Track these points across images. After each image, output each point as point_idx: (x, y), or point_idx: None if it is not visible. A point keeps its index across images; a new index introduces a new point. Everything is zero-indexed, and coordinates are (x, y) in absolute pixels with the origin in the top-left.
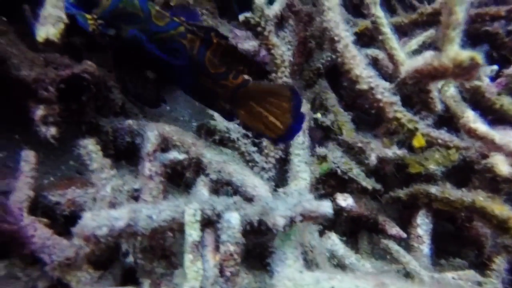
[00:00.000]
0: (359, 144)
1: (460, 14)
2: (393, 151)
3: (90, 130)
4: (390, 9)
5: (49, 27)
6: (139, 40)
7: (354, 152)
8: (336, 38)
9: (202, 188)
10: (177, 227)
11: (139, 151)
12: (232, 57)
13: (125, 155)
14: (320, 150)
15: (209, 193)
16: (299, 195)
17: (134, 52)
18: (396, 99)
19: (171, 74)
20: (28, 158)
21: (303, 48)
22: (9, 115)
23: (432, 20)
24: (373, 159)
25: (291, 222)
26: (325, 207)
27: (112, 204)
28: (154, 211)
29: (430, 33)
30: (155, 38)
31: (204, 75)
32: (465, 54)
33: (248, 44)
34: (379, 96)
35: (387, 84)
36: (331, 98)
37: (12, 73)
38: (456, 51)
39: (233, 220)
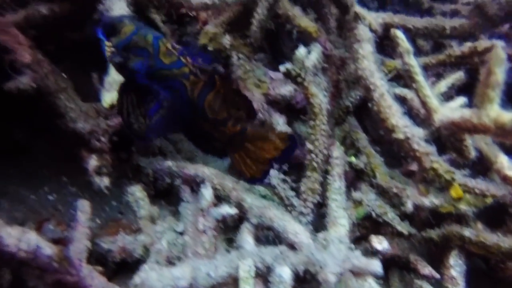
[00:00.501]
0: (395, 190)
1: (500, 75)
2: (430, 200)
3: (132, 171)
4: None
5: (114, 93)
6: (136, 72)
7: (389, 196)
8: (371, 87)
9: (247, 236)
10: (232, 282)
11: (179, 192)
12: (233, 100)
13: (164, 194)
14: (356, 195)
15: (254, 241)
16: (346, 249)
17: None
18: (433, 149)
19: (170, 112)
20: (84, 208)
21: (336, 92)
22: (58, 159)
23: (460, 62)
24: (409, 206)
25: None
26: (375, 266)
27: (168, 259)
28: (211, 267)
29: (459, 75)
30: (158, 74)
31: (202, 119)
32: (508, 117)
33: (284, 89)
34: (415, 146)
35: (421, 132)
36: (362, 139)
37: (69, 126)
38: (497, 112)
39: (285, 275)
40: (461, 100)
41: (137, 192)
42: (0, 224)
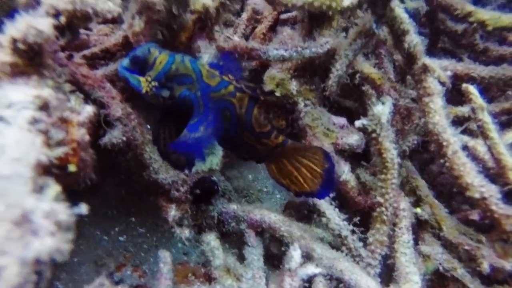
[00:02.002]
0: (467, 247)
1: None
2: (511, 264)
3: (198, 214)
4: None
5: (213, 158)
6: (191, 100)
7: (458, 252)
8: (444, 144)
9: None
10: None
11: (244, 236)
12: (275, 111)
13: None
14: (424, 249)
15: None
16: None
17: (182, 113)
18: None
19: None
20: (166, 259)
21: (401, 141)
22: (126, 201)
23: None
24: (485, 267)
25: None
26: None
27: None
28: None
29: None
30: (209, 98)
31: (249, 132)
32: None
33: (352, 138)
34: (494, 208)
35: (496, 191)
36: (423, 186)
37: (152, 177)
38: None
39: None
40: None
41: (212, 241)
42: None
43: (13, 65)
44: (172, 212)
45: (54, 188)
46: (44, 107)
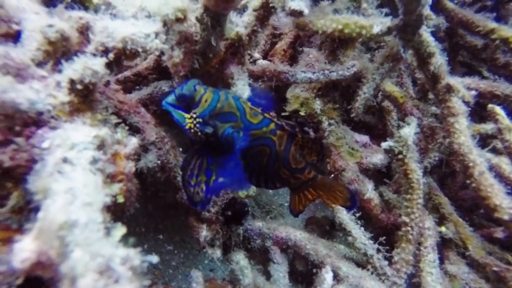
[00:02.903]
0: (496, 269)
1: None
2: None
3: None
4: None
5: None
6: (233, 138)
7: (485, 272)
8: (471, 165)
9: None
10: None
11: (269, 253)
12: (309, 147)
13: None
14: (451, 269)
15: None
16: None
17: (221, 148)
18: None
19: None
20: (198, 279)
21: (424, 159)
22: (154, 218)
23: None
24: None
25: None
26: None
27: None
28: None
29: None
30: (251, 136)
31: (286, 168)
32: None
33: (376, 157)
34: None
35: None
36: (446, 204)
37: (184, 198)
38: None
39: None
40: None
41: (241, 261)
42: None
43: (70, 103)
44: (204, 233)
45: (120, 230)
46: (101, 145)
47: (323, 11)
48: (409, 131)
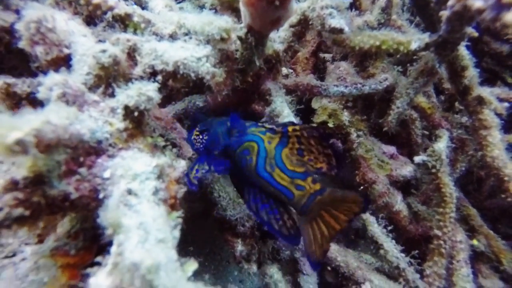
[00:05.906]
0: None
1: None
2: None
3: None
4: None
5: None
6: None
7: None
8: (506, 179)
9: None
10: None
11: (298, 264)
12: (314, 152)
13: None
14: (486, 283)
15: None
16: None
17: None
18: None
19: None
20: None
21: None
22: (182, 231)
23: None
24: None
25: None
26: None
27: None
28: None
29: None
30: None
31: (281, 171)
32: None
33: (405, 170)
34: None
35: None
36: (475, 216)
37: (220, 213)
38: None
39: None
40: None
41: (275, 274)
42: None
43: (126, 130)
44: (239, 247)
45: (192, 265)
46: (161, 174)
47: (360, 27)
48: (443, 146)
